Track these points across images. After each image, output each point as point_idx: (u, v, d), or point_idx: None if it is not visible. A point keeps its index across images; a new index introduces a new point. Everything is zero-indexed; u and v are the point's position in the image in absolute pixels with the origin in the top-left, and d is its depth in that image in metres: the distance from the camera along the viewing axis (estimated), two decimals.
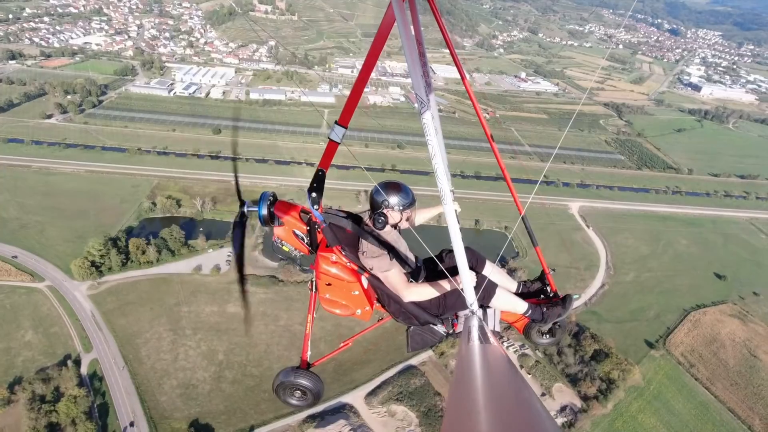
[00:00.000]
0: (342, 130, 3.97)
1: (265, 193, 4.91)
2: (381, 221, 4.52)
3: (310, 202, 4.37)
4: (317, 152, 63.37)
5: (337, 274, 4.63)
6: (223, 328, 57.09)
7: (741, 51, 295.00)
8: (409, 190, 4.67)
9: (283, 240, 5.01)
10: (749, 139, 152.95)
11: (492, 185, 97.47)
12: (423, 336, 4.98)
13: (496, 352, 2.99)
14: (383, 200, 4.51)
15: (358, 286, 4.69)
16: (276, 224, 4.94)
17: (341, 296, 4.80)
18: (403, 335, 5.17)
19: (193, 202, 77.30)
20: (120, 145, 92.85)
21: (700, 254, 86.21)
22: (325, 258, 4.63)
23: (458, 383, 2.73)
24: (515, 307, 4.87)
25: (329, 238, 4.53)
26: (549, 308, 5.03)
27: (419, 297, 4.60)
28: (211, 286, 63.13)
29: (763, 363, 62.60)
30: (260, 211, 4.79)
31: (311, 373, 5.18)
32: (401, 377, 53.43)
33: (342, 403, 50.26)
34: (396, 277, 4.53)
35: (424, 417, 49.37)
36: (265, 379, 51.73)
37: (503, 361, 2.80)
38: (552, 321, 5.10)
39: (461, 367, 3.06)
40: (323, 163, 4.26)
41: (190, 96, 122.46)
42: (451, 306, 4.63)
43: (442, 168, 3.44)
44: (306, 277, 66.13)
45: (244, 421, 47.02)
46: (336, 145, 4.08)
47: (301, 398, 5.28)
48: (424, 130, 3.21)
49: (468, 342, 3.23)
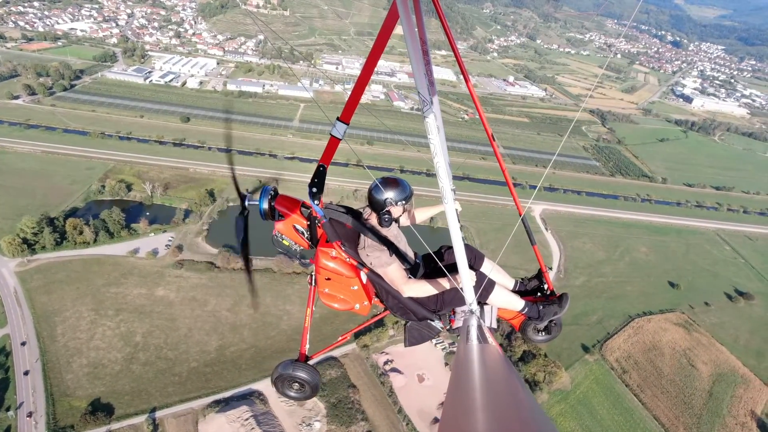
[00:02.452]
0: (344, 126, 3.93)
1: (266, 187, 4.95)
2: (387, 219, 4.57)
3: (311, 197, 4.33)
4: (283, 144, 65.07)
5: (337, 269, 4.67)
6: (147, 311, 56.77)
7: (741, 65, 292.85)
8: (406, 184, 4.74)
9: (284, 234, 5.02)
10: (733, 151, 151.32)
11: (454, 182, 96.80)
12: (420, 331, 4.99)
13: (493, 353, 3.01)
14: (386, 198, 4.56)
15: (357, 282, 4.73)
16: (276, 218, 4.96)
17: (340, 291, 4.83)
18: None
19: (143, 186, 77.06)
20: (84, 129, 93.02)
21: (657, 262, 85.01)
22: (325, 253, 4.67)
23: (456, 383, 2.68)
24: (512, 305, 4.92)
25: (329, 233, 4.52)
26: (545, 306, 5.06)
27: (418, 293, 4.65)
28: (145, 269, 62.88)
29: (699, 372, 61.50)
30: (261, 205, 4.84)
31: (309, 366, 5.20)
32: (318, 368, 52.59)
33: (252, 390, 49.69)
34: (396, 272, 4.61)
35: (332, 408, 48.73)
36: (179, 362, 51.47)
37: (501, 362, 2.82)
38: (548, 319, 5.11)
39: (459, 367, 3.00)
40: (324, 159, 4.17)
41: (166, 84, 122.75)
42: (449, 302, 4.66)
43: (444, 167, 3.40)
44: (292, 268, 66.21)
45: (148, 403, 46.54)
46: (337, 141, 4.03)
47: (299, 391, 5.32)
48: (427, 129, 3.19)
49: (466, 342, 3.27)
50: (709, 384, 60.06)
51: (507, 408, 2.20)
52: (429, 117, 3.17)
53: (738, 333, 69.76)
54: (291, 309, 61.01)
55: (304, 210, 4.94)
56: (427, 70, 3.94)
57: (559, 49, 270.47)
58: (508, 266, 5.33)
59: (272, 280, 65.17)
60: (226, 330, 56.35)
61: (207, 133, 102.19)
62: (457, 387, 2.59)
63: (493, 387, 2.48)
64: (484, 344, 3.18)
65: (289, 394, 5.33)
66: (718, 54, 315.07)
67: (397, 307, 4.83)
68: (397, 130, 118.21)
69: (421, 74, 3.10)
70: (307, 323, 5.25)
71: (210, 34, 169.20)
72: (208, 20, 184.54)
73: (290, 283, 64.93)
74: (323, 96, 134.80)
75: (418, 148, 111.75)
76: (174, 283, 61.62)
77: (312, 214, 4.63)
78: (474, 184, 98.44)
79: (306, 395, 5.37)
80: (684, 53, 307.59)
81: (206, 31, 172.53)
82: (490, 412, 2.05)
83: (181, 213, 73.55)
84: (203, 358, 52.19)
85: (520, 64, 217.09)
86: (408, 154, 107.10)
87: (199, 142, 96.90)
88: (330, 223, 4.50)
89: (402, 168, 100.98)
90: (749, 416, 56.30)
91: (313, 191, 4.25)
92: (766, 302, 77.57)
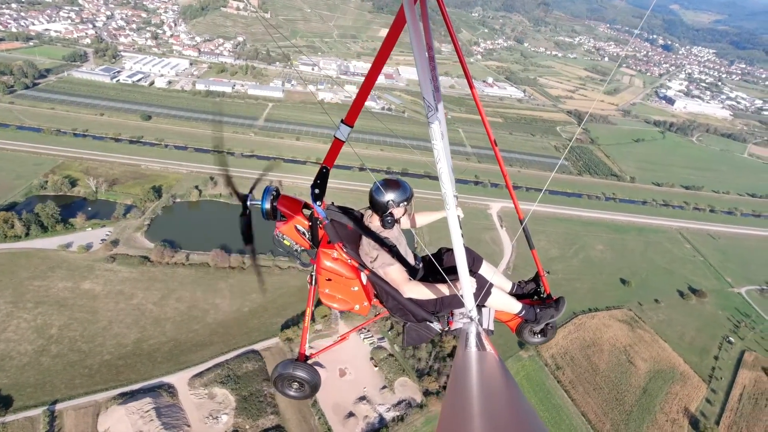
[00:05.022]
0: (347, 129, 3.99)
1: (268, 188, 4.96)
2: (390, 221, 4.65)
3: (313, 199, 4.41)
4: (243, 142, 64.95)
5: (338, 270, 4.71)
6: (69, 304, 55.96)
7: (731, 69, 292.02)
8: (407, 185, 4.81)
9: (285, 234, 5.04)
10: (709, 152, 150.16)
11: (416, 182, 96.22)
12: (419, 332, 5.02)
13: (491, 360, 3.01)
14: (388, 200, 4.63)
15: (358, 283, 4.76)
16: (278, 219, 4.98)
17: (340, 291, 4.87)
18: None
19: (87, 181, 76.59)
20: (39, 126, 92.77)
21: (612, 260, 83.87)
22: (326, 254, 4.70)
23: (454, 389, 2.68)
24: (510, 307, 4.97)
25: (331, 234, 4.57)
26: (542, 309, 5.10)
27: (419, 295, 4.67)
28: (74, 263, 62.16)
29: (636, 369, 60.23)
30: (263, 205, 4.86)
31: (309, 365, 5.27)
32: (235, 361, 51.84)
33: (163, 382, 48.70)
34: (397, 273, 4.65)
35: (242, 401, 47.64)
36: (92, 355, 50.58)
37: (499, 369, 2.80)
38: (545, 322, 5.16)
39: (457, 374, 2.93)
40: (327, 161, 4.26)
41: (134, 84, 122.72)
42: (448, 304, 4.70)
43: (447, 172, 3.42)
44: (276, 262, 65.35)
45: (51, 395, 45.55)
46: (341, 143, 4.11)
47: (298, 390, 5.37)
48: (431, 134, 3.21)
49: (465, 348, 3.24)
50: (645, 381, 58.75)
51: (505, 415, 2.20)
52: (434, 123, 3.16)
53: (685, 330, 68.43)
54: (220, 303, 60.18)
55: (306, 211, 4.95)
56: (433, 75, 3.95)
57: (546, 52, 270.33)
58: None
59: (206, 274, 64.44)
60: (148, 323, 55.44)
61: (167, 131, 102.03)
62: (455, 394, 2.55)
63: (491, 394, 2.46)
64: (482, 351, 3.16)
65: (289, 393, 5.37)
66: (708, 57, 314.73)
67: (396, 308, 4.86)
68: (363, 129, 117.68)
69: (426, 80, 3.15)
70: (306, 323, 5.34)
71: (188, 36, 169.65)
72: (188, 22, 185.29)
73: (224, 277, 64.09)
74: (293, 96, 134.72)
75: (382, 147, 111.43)
76: (103, 276, 60.86)
77: (314, 215, 4.67)
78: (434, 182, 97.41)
79: (306, 394, 5.41)
80: (674, 57, 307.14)
81: (185, 33, 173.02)
82: (487, 419, 2.04)
83: (121, 208, 72.89)
84: (118, 351, 51.26)
85: (503, 67, 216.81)
86: (384, 154, 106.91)
87: (157, 140, 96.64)
88: (332, 225, 4.56)
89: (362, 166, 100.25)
90: (682, 413, 54.94)
91: (315, 192, 4.34)
92: (718, 300, 76.31)
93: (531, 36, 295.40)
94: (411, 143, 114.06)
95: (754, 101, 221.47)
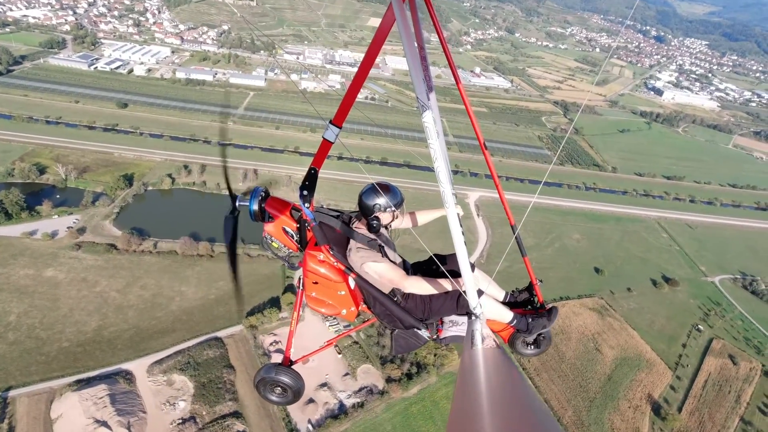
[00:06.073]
0: (336, 129, 3.89)
1: (257, 189, 4.89)
2: (375, 224, 4.65)
3: (301, 200, 4.31)
4: (221, 131, 62.60)
5: (324, 273, 4.63)
6: (29, 291, 55.31)
7: (722, 60, 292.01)
8: (397, 190, 4.80)
9: (273, 236, 4.98)
10: (694, 143, 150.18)
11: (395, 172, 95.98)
12: (407, 340, 4.94)
13: (499, 357, 2.96)
14: (375, 204, 4.68)
15: (345, 287, 4.68)
16: (266, 220, 4.90)
17: (327, 295, 4.79)
18: None
19: (56, 169, 75.51)
20: (9, 113, 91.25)
21: (587, 249, 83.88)
22: (312, 256, 4.62)
23: (462, 388, 2.61)
24: (501, 316, 4.78)
25: (318, 236, 4.52)
26: (534, 319, 4.91)
27: (420, 290, 4.55)
28: (38, 251, 61.39)
29: (603, 357, 60.41)
30: (251, 206, 4.79)
31: (292, 370, 5.13)
32: (197, 348, 51.47)
33: (121, 369, 48.32)
34: (391, 270, 4.56)
35: (201, 387, 47.40)
36: (49, 342, 50.06)
37: (507, 366, 2.77)
38: (537, 332, 4.96)
39: (464, 372, 2.85)
40: (316, 162, 4.16)
41: (112, 71, 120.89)
42: (437, 311, 4.58)
43: (444, 171, 3.37)
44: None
45: (5, 382, 45.07)
46: (329, 144, 4.00)
47: (281, 395, 5.22)
48: (426, 132, 3.17)
49: (471, 347, 3.17)
50: (611, 368, 58.96)
51: (514, 412, 2.16)
52: (428, 122, 3.13)
53: (655, 318, 68.64)
54: (186, 290, 59.68)
55: (295, 212, 4.90)
56: (426, 75, 3.88)
57: (537, 42, 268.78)
58: (430, 250, 5.04)
59: (173, 262, 63.84)
60: (110, 311, 54.89)
61: (143, 119, 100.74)
62: (464, 393, 2.51)
63: (500, 391, 2.42)
64: (488, 348, 3.08)
65: (271, 398, 5.24)
66: (700, 49, 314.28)
67: (384, 314, 4.76)
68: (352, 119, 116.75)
69: (419, 79, 3.10)
70: (292, 327, 5.24)
71: (171, 24, 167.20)
72: (172, 10, 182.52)
73: (191, 265, 63.52)
74: (276, 85, 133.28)
75: (363, 136, 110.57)
76: (66, 264, 60.14)
77: (302, 216, 4.63)
78: (412, 171, 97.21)
79: (288, 399, 5.25)
80: (666, 48, 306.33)
81: (168, 20, 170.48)
82: (497, 416, 2.03)
83: (90, 196, 71.96)
84: (77, 338, 50.75)
85: (492, 57, 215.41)
86: (365, 143, 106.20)
87: (132, 128, 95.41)
88: (319, 227, 4.48)
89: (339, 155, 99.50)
90: (645, 399, 55.22)
91: (303, 194, 4.21)
92: (690, 288, 76.59)
93: (523, 26, 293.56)
94: (392, 133, 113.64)
95: (743, 93, 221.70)
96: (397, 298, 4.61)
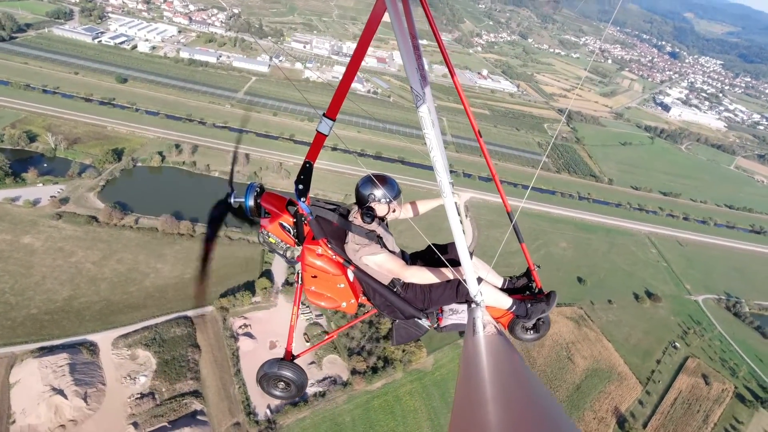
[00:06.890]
0: (330, 122, 3.87)
1: (252, 184, 4.87)
2: (369, 215, 4.58)
3: (297, 195, 4.32)
4: (218, 113, 65.19)
5: (323, 266, 4.64)
6: (4, 257, 55.35)
7: (735, 81, 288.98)
8: (394, 183, 4.79)
9: (270, 232, 4.96)
10: (696, 161, 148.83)
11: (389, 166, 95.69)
12: (408, 329, 4.96)
13: (501, 343, 2.97)
14: (370, 194, 4.66)
15: (344, 279, 4.68)
16: (263, 216, 4.89)
17: (326, 289, 4.78)
18: None
19: (46, 137, 75.54)
20: (8, 79, 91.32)
21: (573, 258, 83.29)
22: (310, 250, 4.64)
23: (466, 375, 2.64)
24: (500, 303, 4.81)
25: (315, 230, 4.53)
26: (533, 304, 4.97)
27: (421, 279, 4.57)
28: (18, 217, 61.42)
29: (574, 366, 60.06)
30: (247, 202, 4.76)
31: (295, 365, 5.09)
32: (165, 325, 51.40)
33: (86, 340, 48.33)
34: (391, 260, 4.58)
35: (163, 364, 47.34)
36: (18, 308, 50.09)
37: (509, 352, 2.78)
38: (536, 317, 5.03)
39: (467, 360, 2.87)
40: (311, 155, 4.15)
41: (116, 46, 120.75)
42: (436, 300, 4.62)
43: (441, 161, 3.42)
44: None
45: None
46: (324, 137, 3.98)
47: (284, 390, 5.23)
48: (421, 123, 3.18)
49: (473, 334, 3.18)
50: (581, 378, 58.60)
51: (519, 398, 2.17)
52: (423, 112, 3.13)
53: (632, 332, 68.10)
54: (162, 267, 59.59)
55: (291, 207, 4.88)
56: (419, 64, 3.78)
57: (549, 49, 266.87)
58: (408, 248, 5.31)
59: (153, 238, 63.76)
60: (83, 281, 54.90)
61: (141, 95, 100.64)
62: (467, 380, 2.54)
63: (503, 378, 2.42)
64: (490, 335, 3.09)
65: (274, 393, 5.25)
66: (714, 68, 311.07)
67: (384, 305, 4.76)
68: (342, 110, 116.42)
69: (412, 69, 3.09)
70: (293, 322, 5.17)
71: (182, 3, 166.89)
72: None
73: (170, 243, 63.45)
74: (278, 72, 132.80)
75: (359, 129, 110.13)
76: (45, 232, 60.18)
77: (298, 211, 4.59)
78: (406, 167, 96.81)
79: (292, 394, 5.27)
80: (679, 65, 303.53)
81: None
82: (501, 403, 2.03)
83: (77, 167, 71.96)
84: (46, 306, 50.76)
85: (502, 60, 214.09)
86: (361, 136, 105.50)
87: (129, 103, 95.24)
88: (316, 221, 4.50)
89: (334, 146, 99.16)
90: (611, 412, 54.82)
91: (299, 188, 4.22)
92: (673, 305, 75.95)
93: (536, 32, 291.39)
94: (389, 128, 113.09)
95: (752, 115, 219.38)
96: (397, 289, 4.61)
